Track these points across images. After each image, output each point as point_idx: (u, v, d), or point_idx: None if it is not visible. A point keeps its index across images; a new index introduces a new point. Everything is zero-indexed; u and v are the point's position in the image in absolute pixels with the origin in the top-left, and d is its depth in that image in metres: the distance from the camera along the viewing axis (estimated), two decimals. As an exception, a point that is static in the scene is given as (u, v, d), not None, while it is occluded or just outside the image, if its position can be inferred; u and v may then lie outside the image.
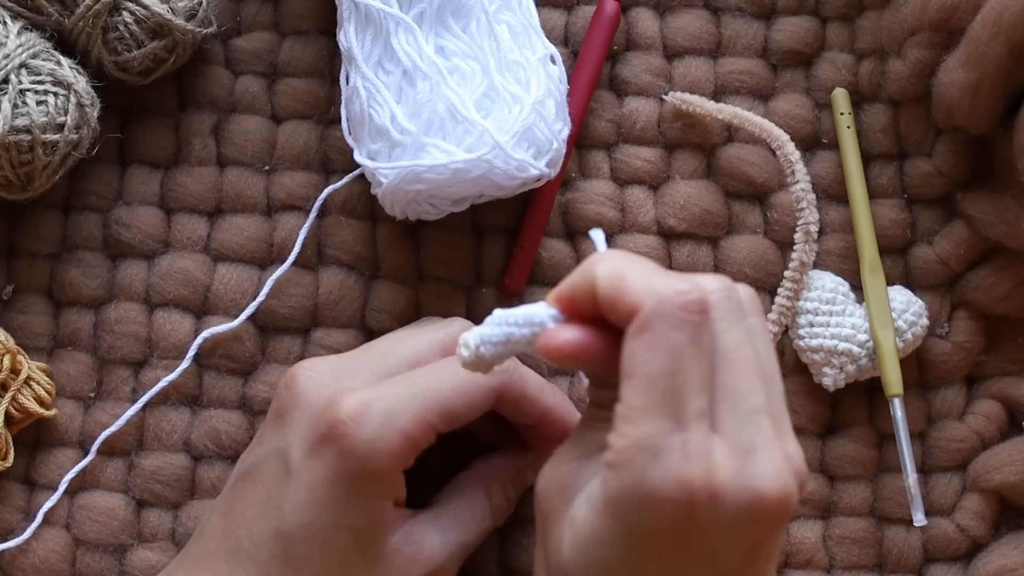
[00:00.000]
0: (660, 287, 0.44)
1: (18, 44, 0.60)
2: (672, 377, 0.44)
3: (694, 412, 0.44)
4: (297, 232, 0.65)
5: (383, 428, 0.51)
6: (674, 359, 0.44)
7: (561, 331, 0.48)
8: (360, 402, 0.52)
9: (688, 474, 0.43)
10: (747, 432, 0.44)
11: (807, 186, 0.64)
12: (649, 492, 0.43)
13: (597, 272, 0.46)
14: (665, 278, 0.45)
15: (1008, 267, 0.64)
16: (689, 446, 0.43)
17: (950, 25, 0.61)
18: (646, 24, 0.67)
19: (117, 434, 0.63)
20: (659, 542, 0.44)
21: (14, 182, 0.60)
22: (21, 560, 0.61)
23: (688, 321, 0.44)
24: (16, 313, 0.64)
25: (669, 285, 0.44)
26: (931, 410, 0.65)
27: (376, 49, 0.61)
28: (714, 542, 0.44)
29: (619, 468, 0.44)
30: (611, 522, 0.44)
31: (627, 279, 0.45)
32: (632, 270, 0.46)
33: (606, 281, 0.46)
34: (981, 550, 0.63)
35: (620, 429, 0.44)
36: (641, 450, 0.43)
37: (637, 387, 0.44)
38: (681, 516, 0.43)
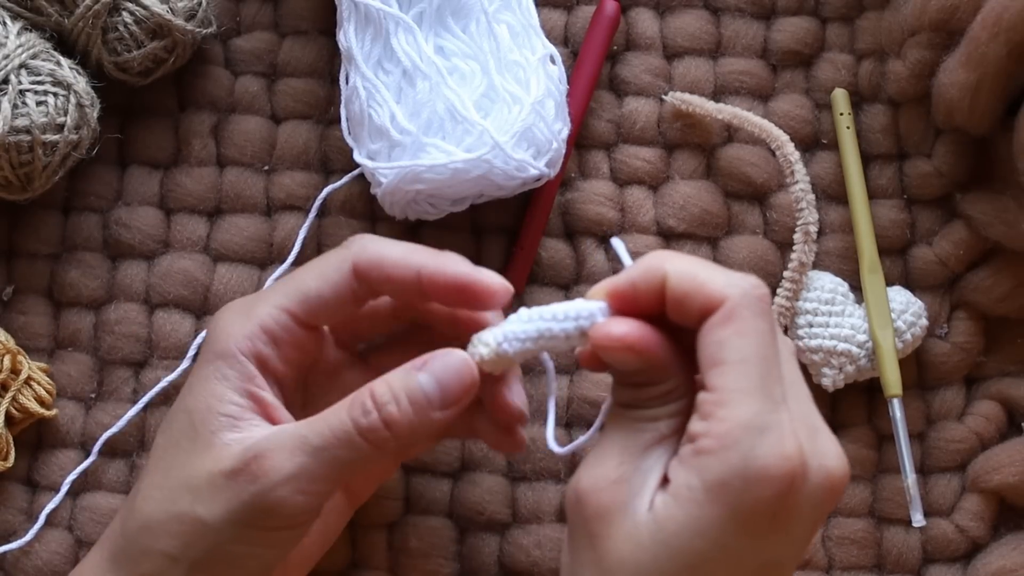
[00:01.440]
0: (738, 280, 0.47)
1: (18, 44, 0.60)
2: (765, 361, 0.46)
3: (781, 394, 0.46)
4: (297, 232, 0.65)
5: (237, 314, 0.53)
6: (764, 344, 0.46)
7: (618, 323, 0.49)
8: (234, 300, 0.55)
9: (790, 450, 0.45)
10: (809, 414, 0.48)
11: (807, 186, 0.64)
12: (759, 469, 0.44)
13: (668, 268, 0.48)
14: (735, 274, 0.48)
15: (1008, 268, 0.64)
16: (785, 425, 0.45)
17: (950, 26, 0.61)
18: (646, 24, 0.67)
19: (118, 435, 0.63)
20: (760, 522, 0.45)
21: (14, 183, 0.60)
22: (24, 562, 0.61)
23: (767, 311, 0.47)
24: (16, 314, 0.64)
25: (745, 278, 0.47)
26: (930, 411, 0.65)
27: (376, 49, 0.61)
28: (797, 517, 0.46)
29: (722, 451, 0.45)
30: (715, 508, 0.45)
31: (702, 275, 0.47)
32: (701, 267, 0.48)
33: (681, 276, 0.48)
34: (980, 551, 0.63)
35: (718, 414, 0.45)
36: (748, 430, 0.45)
37: (732, 371, 0.46)
38: (783, 492, 0.45)
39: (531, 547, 0.62)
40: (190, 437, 0.51)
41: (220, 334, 0.52)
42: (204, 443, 0.50)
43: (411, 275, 0.52)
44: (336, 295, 0.52)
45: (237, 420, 0.51)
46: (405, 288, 0.52)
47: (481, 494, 0.63)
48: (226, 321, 0.53)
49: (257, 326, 0.52)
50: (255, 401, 0.51)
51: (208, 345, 0.52)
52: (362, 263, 0.52)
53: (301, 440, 0.49)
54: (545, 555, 0.61)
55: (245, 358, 0.51)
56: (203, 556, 0.50)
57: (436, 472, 0.63)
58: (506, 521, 0.63)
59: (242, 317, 0.52)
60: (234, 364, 0.51)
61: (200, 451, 0.50)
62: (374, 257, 0.52)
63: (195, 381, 0.52)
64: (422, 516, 0.63)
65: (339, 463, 0.49)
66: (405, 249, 0.53)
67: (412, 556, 0.62)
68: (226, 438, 0.50)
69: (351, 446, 0.49)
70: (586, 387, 0.64)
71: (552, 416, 0.54)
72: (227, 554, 0.50)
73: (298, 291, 0.52)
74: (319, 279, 0.52)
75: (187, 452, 0.51)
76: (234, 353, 0.51)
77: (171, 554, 0.50)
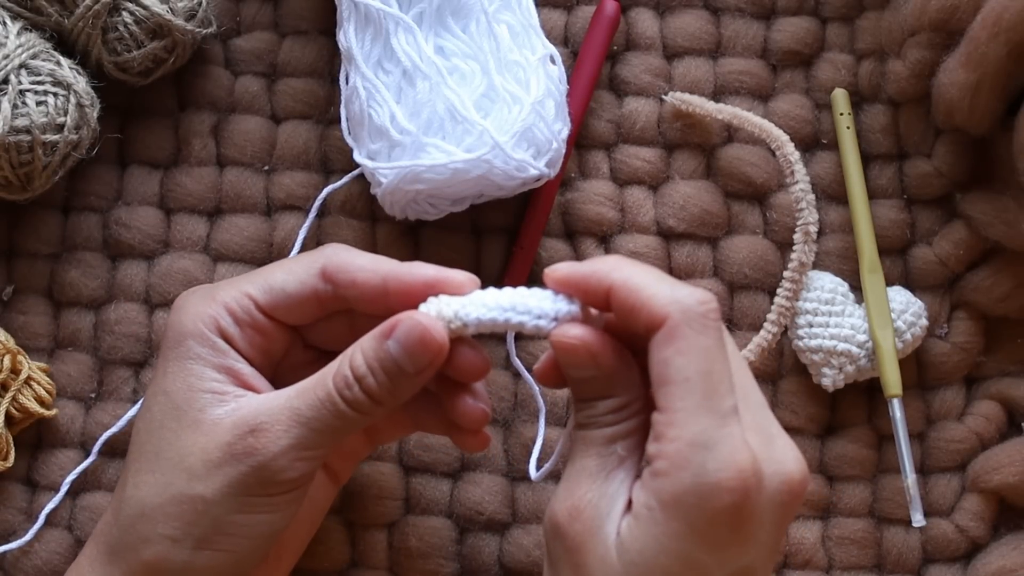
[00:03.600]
0: (682, 296, 0.47)
1: (18, 44, 0.60)
2: (708, 377, 0.47)
3: (730, 407, 0.47)
4: (297, 232, 0.65)
5: (196, 296, 0.54)
6: (707, 361, 0.47)
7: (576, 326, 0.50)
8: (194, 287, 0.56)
9: (741, 462, 0.46)
10: (763, 422, 0.49)
11: (807, 186, 0.64)
12: (711, 485, 0.45)
13: (614, 279, 0.49)
14: (682, 287, 0.48)
15: (1007, 268, 0.64)
16: (735, 437, 0.46)
17: (950, 26, 0.61)
18: (646, 24, 0.67)
19: (118, 435, 0.63)
20: (720, 534, 0.46)
21: (14, 182, 0.60)
22: (23, 562, 0.61)
23: (712, 326, 0.47)
24: (16, 314, 0.64)
25: (690, 294, 0.48)
26: (930, 411, 0.65)
27: (376, 49, 0.61)
28: (758, 524, 0.47)
29: (674, 471, 0.46)
30: (673, 525, 0.46)
31: (646, 290, 0.48)
32: (647, 280, 0.48)
33: (626, 290, 0.48)
34: (980, 551, 0.63)
35: (668, 435, 0.46)
36: (696, 448, 0.46)
37: (677, 390, 0.47)
38: (738, 502, 0.45)
39: (531, 547, 0.62)
40: (175, 418, 0.52)
41: (185, 316, 0.53)
42: (191, 422, 0.51)
43: (377, 281, 0.53)
44: (300, 291, 0.53)
45: (220, 395, 0.52)
46: (370, 294, 0.53)
47: (481, 494, 0.63)
48: (189, 303, 0.53)
49: (221, 306, 0.53)
50: (232, 374, 0.52)
51: (174, 328, 0.53)
52: (331, 265, 0.53)
53: (294, 412, 0.51)
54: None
55: (213, 334, 0.52)
56: (206, 532, 0.51)
57: (436, 472, 0.63)
58: (506, 521, 0.63)
59: (205, 299, 0.53)
60: (204, 341, 0.52)
61: (188, 430, 0.51)
62: (343, 261, 0.53)
63: (167, 364, 0.53)
64: (422, 516, 0.63)
65: (331, 430, 0.51)
66: (374, 258, 0.54)
67: (412, 556, 0.62)
68: (214, 414, 0.51)
69: (340, 416, 0.51)
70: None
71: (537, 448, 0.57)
72: (230, 525, 0.51)
73: (263, 280, 0.54)
74: (286, 273, 0.54)
75: (174, 433, 0.51)
76: (201, 331, 0.52)
77: (173, 536, 0.51)
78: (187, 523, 0.51)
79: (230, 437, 0.50)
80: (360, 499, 0.63)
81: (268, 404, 0.51)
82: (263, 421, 0.51)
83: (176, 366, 0.52)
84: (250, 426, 0.50)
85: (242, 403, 0.52)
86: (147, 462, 0.52)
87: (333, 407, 0.51)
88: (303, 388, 0.52)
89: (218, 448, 0.50)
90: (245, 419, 0.51)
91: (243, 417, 0.51)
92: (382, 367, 0.51)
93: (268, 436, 0.50)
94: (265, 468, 0.50)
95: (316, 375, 0.52)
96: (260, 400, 0.52)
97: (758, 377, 0.64)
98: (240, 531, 0.51)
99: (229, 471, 0.50)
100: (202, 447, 0.51)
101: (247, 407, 0.51)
